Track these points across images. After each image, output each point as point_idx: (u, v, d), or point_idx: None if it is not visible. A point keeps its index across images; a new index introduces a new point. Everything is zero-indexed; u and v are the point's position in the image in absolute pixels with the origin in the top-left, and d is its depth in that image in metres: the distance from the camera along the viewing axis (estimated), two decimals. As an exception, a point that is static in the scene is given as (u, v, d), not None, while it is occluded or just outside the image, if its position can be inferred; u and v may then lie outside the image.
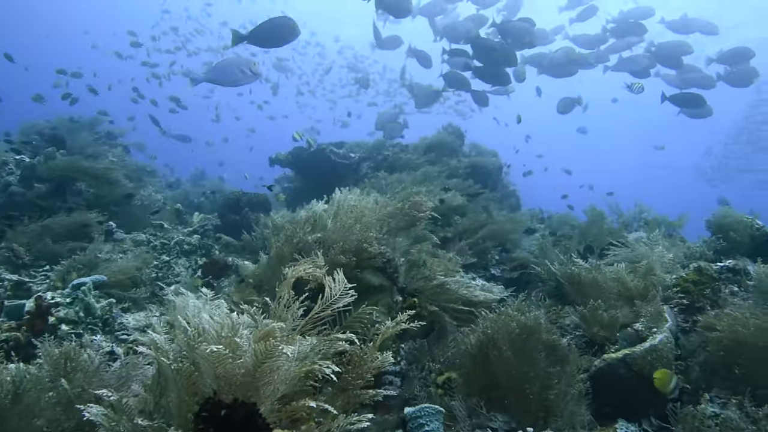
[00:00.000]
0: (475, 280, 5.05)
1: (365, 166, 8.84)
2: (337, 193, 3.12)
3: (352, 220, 2.60)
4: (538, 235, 8.48)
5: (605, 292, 2.88)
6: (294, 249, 2.50)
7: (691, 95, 6.01)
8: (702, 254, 3.51)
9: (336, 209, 2.76)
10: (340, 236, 2.54)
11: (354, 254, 2.53)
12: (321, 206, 2.80)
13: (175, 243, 6.04)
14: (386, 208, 2.86)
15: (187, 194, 10.43)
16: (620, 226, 5.18)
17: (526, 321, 2.47)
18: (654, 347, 2.31)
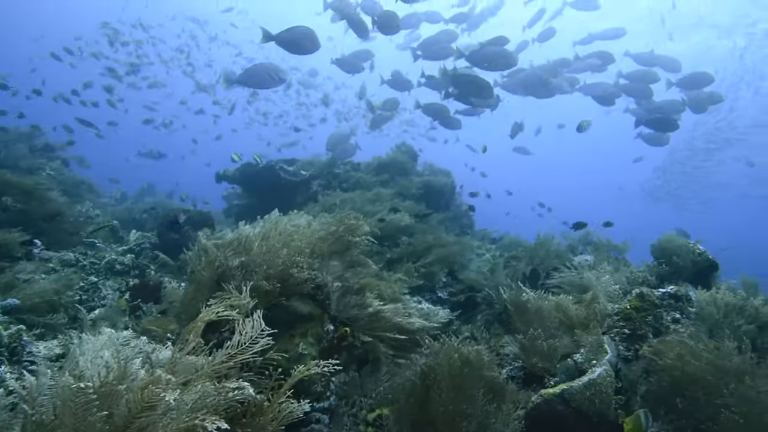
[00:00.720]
0: (421, 304, 4.88)
1: (316, 184, 8.61)
2: (273, 213, 2.89)
3: (279, 243, 2.37)
4: (489, 256, 8.50)
5: (548, 320, 2.77)
6: (215, 275, 2.24)
7: (665, 119, 6.18)
8: (644, 280, 3.50)
9: (265, 232, 2.52)
10: (265, 260, 2.30)
11: (279, 280, 2.29)
12: (248, 228, 2.56)
13: (106, 263, 5.55)
14: (318, 233, 2.64)
15: (130, 210, 9.80)
16: (566, 249, 5.17)
17: (468, 355, 2.30)
18: (592, 382, 2.20)
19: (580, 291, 3.76)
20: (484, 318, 4.82)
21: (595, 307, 2.87)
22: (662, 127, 6.28)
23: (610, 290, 3.12)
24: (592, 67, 6.76)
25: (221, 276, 2.21)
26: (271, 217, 2.73)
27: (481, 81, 5.96)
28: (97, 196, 9.84)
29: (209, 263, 2.30)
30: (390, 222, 5.76)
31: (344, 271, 2.73)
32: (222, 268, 2.22)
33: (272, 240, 2.41)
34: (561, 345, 2.56)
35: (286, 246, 2.39)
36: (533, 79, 6.22)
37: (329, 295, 2.60)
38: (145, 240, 6.78)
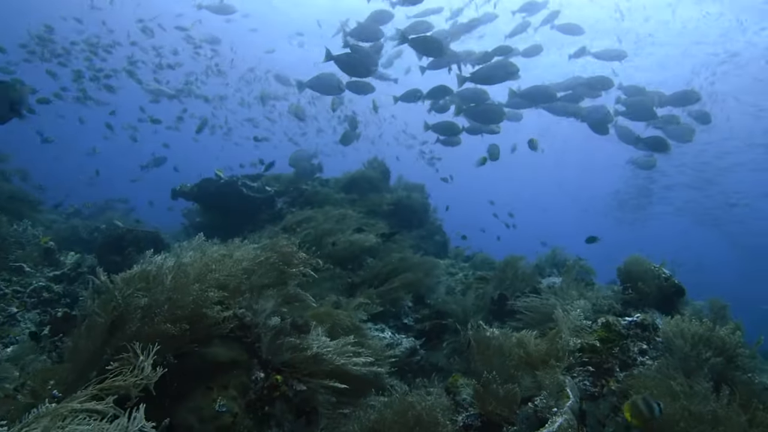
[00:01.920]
0: (384, 332, 4.57)
1: (281, 201, 8.25)
2: (197, 238, 2.55)
3: (191, 277, 2.03)
4: (461, 275, 8.26)
5: (509, 358, 2.50)
6: (108, 318, 1.88)
7: (659, 139, 6.10)
8: (610, 307, 3.29)
9: (181, 263, 2.18)
10: (172, 299, 1.95)
11: (189, 321, 1.96)
12: (160, 259, 2.21)
13: (31, 290, 5.06)
14: (241, 263, 2.31)
15: (76, 229, 9.18)
16: (534, 271, 4.95)
17: (421, 412, 2.00)
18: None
19: (546, 318, 3.52)
20: (450, 347, 4.53)
21: (558, 342, 2.62)
22: (657, 147, 6.20)
23: (575, 321, 2.88)
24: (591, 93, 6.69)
25: (117, 320, 1.86)
26: (194, 242, 2.38)
27: (490, 106, 6.22)
28: (39, 213, 9.23)
29: (104, 303, 1.95)
30: (354, 243, 5.45)
31: (279, 307, 2.41)
32: (118, 310, 1.87)
33: (184, 273, 2.07)
34: (521, 388, 2.29)
35: (200, 280, 2.05)
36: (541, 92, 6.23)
37: (260, 336, 2.27)
38: (84, 263, 6.29)
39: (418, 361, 4.27)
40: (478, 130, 6.68)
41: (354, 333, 3.52)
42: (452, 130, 6.77)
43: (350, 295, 4.80)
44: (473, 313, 4.68)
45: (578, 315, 2.76)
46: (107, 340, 1.87)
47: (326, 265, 5.16)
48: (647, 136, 6.18)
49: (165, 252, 5.60)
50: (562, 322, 2.77)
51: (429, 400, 2.14)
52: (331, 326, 3.28)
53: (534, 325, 3.53)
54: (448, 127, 6.78)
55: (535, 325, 3.53)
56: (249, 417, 2.14)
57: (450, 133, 6.82)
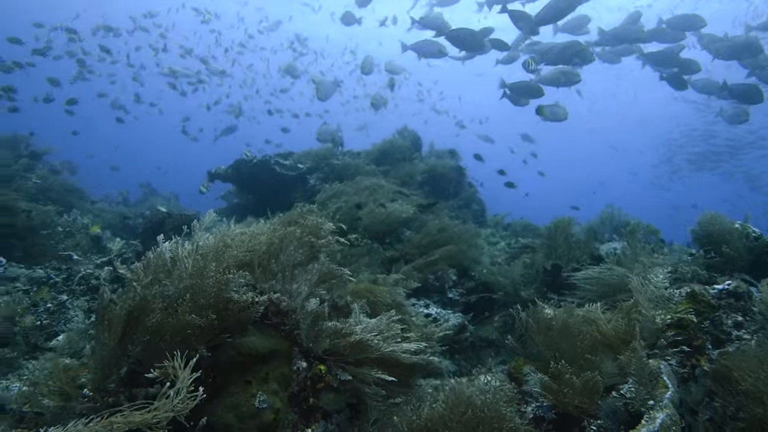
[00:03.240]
0: (429, 308, 4.31)
1: (314, 178, 8.03)
2: (206, 219, 2.30)
3: (208, 258, 1.78)
4: (503, 244, 7.87)
5: (578, 339, 2.16)
6: (126, 310, 1.67)
7: (750, 87, 5.44)
8: (694, 274, 2.86)
9: (196, 245, 1.93)
10: (193, 285, 1.72)
11: (215, 309, 1.73)
12: (171, 243, 1.96)
13: (80, 278, 5.07)
14: (259, 237, 2.04)
15: (121, 216, 9.32)
16: (589, 236, 4.52)
17: (482, 408, 1.72)
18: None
19: (612, 290, 3.14)
20: (502, 320, 4.23)
21: (637, 317, 2.25)
22: (748, 98, 5.50)
23: (656, 290, 2.49)
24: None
25: (136, 310, 1.65)
26: (206, 220, 2.13)
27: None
28: (88, 202, 9.42)
29: (122, 294, 1.75)
30: (390, 215, 5.16)
31: (315, 287, 2.16)
32: (136, 300, 1.66)
33: (202, 255, 1.83)
34: (602, 376, 1.95)
35: (217, 259, 1.81)
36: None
37: (298, 322, 2.04)
38: (130, 249, 6.31)
39: (467, 338, 3.99)
40: (558, 81, 6.09)
41: (396, 310, 3.26)
42: (531, 90, 6.23)
43: (389, 270, 4.54)
44: (523, 285, 4.33)
45: (661, 282, 2.37)
46: (128, 334, 1.67)
47: (363, 240, 4.93)
48: (736, 83, 5.47)
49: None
50: (639, 292, 2.39)
51: (488, 390, 1.85)
52: (370, 304, 3.04)
53: (598, 299, 3.16)
54: (528, 87, 6.25)
55: (600, 299, 3.16)
56: (293, 411, 1.93)
57: (529, 94, 6.29)
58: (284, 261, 2.03)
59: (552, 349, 2.21)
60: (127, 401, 1.69)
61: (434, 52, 6.29)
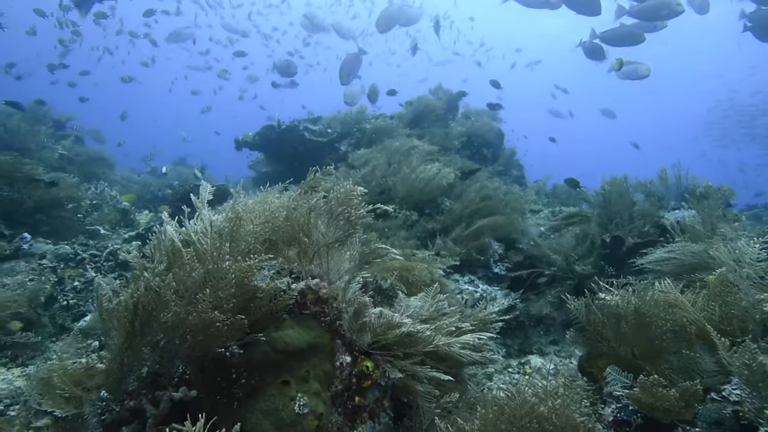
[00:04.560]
0: (474, 284, 4.02)
1: (345, 144, 7.69)
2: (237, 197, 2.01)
3: (218, 241, 1.50)
4: (547, 212, 7.42)
5: (659, 331, 1.81)
6: (131, 304, 1.42)
7: None
8: None
9: (209, 222, 1.65)
10: (208, 273, 1.45)
11: (241, 301, 1.47)
12: (172, 227, 1.69)
13: (108, 254, 4.99)
14: (281, 211, 1.72)
15: (148, 186, 9.27)
16: (651, 203, 4.06)
17: (551, 415, 1.43)
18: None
19: (686, 269, 2.75)
20: (557, 295, 3.90)
21: (734, 300, 1.89)
22: None
23: (749, 270, 2.10)
24: None
25: (148, 305, 1.40)
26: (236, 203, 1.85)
27: None
28: (114, 172, 9.40)
29: (128, 287, 1.50)
30: (430, 182, 4.80)
31: (357, 270, 1.88)
32: (142, 293, 1.40)
33: (218, 235, 1.55)
34: (701, 380, 1.62)
35: (233, 238, 1.52)
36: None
37: (340, 312, 1.78)
38: (158, 221, 6.23)
39: (516, 317, 3.70)
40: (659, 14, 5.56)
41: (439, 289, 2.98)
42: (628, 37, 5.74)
43: (430, 244, 4.25)
44: (577, 258, 3.96)
45: (758, 256, 1.97)
46: (139, 332, 1.44)
47: (401, 211, 4.63)
48: None
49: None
50: (733, 270, 2.02)
51: (555, 390, 1.55)
52: (408, 284, 2.77)
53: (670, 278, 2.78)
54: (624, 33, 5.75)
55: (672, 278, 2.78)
56: (336, 412, 1.70)
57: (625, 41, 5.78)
58: (319, 240, 1.76)
59: (627, 343, 1.88)
60: (151, 405, 1.49)
61: (541, 2, 5.93)
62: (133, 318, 1.41)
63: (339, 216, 1.79)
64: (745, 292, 1.95)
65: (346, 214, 1.80)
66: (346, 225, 1.82)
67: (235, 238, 1.57)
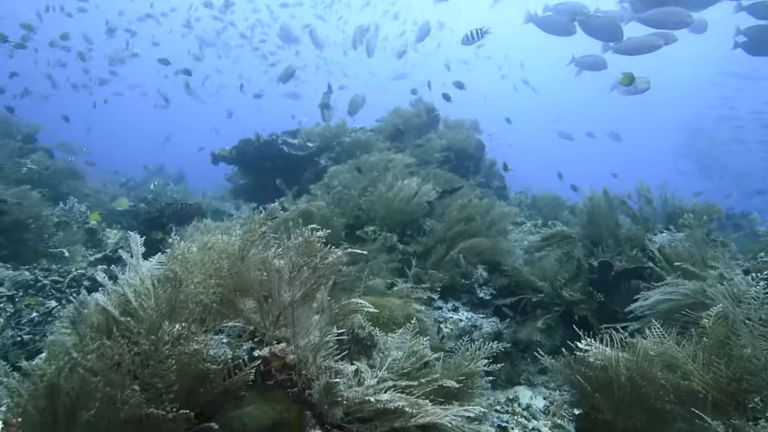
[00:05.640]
0: (458, 311, 3.85)
1: (325, 157, 7.49)
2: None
3: (155, 312, 1.28)
4: (529, 225, 7.33)
5: (659, 399, 1.65)
6: (44, 394, 1.18)
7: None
8: None
9: (142, 288, 1.41)
10: (146, 356, 1.22)
11: (185, 382, 1.25)
12: (111, 288, 1.45)
13: (71, 279, 4.68)
14: (233, 259, 1.49)
15: (118, 198, 8.89)
16: (638, 225, 3.96)
17: None
18: None
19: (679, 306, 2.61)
20: (545, 322, 3.76)
21: (741, 355, 1.74)
22: None
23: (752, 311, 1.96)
24: None
25: (62, 393, 1.16)
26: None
27: None
28: (85, 185, 9.01)
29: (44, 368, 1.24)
30: (410, 202, 4.62)
31: (329, 323, 1.68)
32: (69, 379, 1.16)
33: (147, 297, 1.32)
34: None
35: (171, 308, 1.29)
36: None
37: (310, 380, 1.58)
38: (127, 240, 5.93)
39: (503, 347, 3.52)
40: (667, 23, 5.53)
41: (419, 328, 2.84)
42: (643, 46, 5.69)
43: (410, 267, 4.07)
44: (564, 283, 3.83)
45: (761, 295, 1.83)
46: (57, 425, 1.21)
47: (381, 233, 4.44)
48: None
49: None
50: (734, 315, 1.88)
51: None
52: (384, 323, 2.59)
53: (662, 315, 2.65)
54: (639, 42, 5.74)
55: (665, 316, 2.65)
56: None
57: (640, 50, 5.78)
58: (281, 298, 1.55)
59: (625, 415, 1.71)
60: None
61: (560, 30, 5.93)
62: (49, 409, 1.17)
63: (302, 268, 1.59)
64: (753, 346, 1.81)
65: (311, 265, 1.60)
66: (312, 277, 1.62)
67: (175, 308, 1.36)
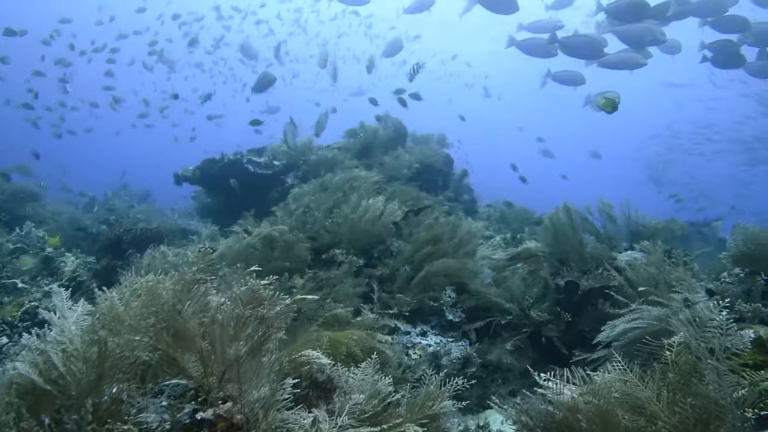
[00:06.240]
0: (426, 336, 3.77)
1: (291, 176, 7.36)
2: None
3: (83, 363, 1.12)
4: (499, 239, 7.35)
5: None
6: None
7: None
8: (756, 311, 2.33)
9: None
10: None
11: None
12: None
13: (23, 313, 4.40)
14: (158, 312, 1.37)
15: (78, 221, 8.44)
16: (603, 243, 4.00)
17: None
18: None
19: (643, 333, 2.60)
20: (514, 344, 3.72)
21: (704, 392, 1.71)
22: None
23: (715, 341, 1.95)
24: None
25: None
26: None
27: None
28: (45, 208, 8.60)
29: None
30: (376, 222, 4.55)
31: (279, 378, 1.58)
32: None
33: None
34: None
35: (98, 375, 1.16)
36: None
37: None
38: (85, 268, 5.63)
39: (473, 373, 3.48)
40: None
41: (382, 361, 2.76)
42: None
43: (379, 292, 3.99)
44: (532, 304, 3.82)
45: (723, 325, 1.82)
46: None
47: (348, 257, 4.34)
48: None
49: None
50: (698, 351, 1.86)
51: None
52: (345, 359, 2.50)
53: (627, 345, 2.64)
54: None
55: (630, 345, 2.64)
56: None
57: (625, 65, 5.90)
58: (225, 354, 1.43)
59: None
60: None
61: (541, 53, 6.11)
62: None
63: (248, 319, 1.49)
64: (717, 382, 1.79)
65: (258, 315, 1.50)
66: (260, 329, 1.52)
67: (104, 374, 1.23)
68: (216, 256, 4.04)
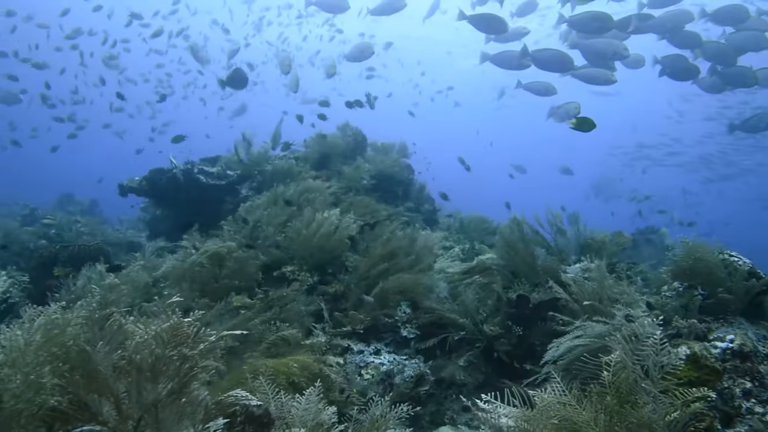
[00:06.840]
0: (380, 355, 3.71)
1: (246, 187, 7.16)
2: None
3: None
4: (458, 250, 7.39)
5: None
6: None
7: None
8: (692, 328, 2.38)
9: None
10: None
11: None
12: None
13: (-61, 340, 4.02)
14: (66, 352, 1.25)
15: (10, 233, 7.83)
16: (553, 256, 4.06)
17: None
18: None
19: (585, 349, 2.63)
20: (467, 360, 3.70)
21: (637, 416, 1.73)
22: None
23: (651, 358, 1.99)
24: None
25: None
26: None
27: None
28: None
29: None
30: (330, 237, 4.46)
31: (199, 426, 1.47)
32: None
33: None
34: None
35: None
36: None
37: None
38: (18, 288, 5.25)
39: (426, 391, 3.44)
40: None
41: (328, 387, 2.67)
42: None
43: (333, 310, 3.90)
44: (485, 318, 3.83)
45: (659, 342, 1.84)
46: None
47: (301, 273, 4.23)
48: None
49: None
50: (633, 372, 1.88)
51: None
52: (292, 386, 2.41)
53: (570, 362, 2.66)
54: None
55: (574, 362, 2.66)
56: None
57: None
58: (142, 397, 1.32)
59: None
60: None
61: (514, 65, 6.21)
62: None
63: (170, 359, 1.38)
64: (653, 403, 1.81)
65: (180, 355, 1.40)
66: (182, 369, 1.41)
67: None
68: (159, 275, 3.84)
